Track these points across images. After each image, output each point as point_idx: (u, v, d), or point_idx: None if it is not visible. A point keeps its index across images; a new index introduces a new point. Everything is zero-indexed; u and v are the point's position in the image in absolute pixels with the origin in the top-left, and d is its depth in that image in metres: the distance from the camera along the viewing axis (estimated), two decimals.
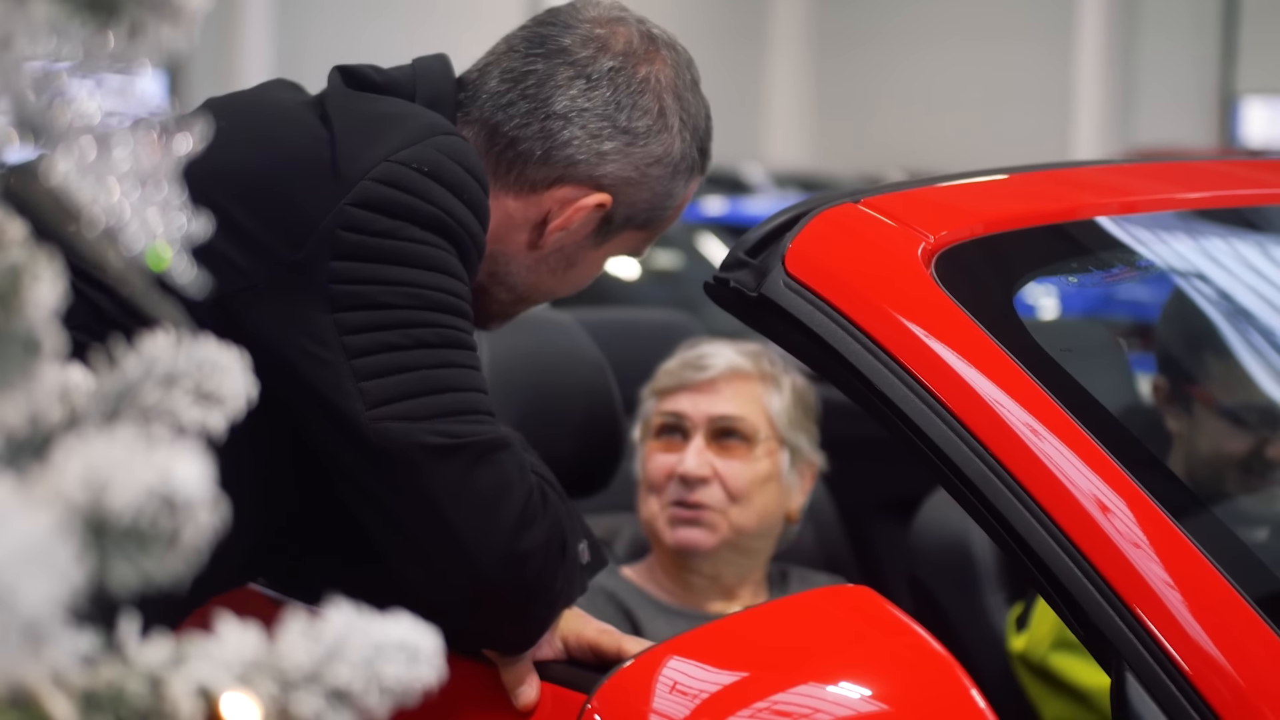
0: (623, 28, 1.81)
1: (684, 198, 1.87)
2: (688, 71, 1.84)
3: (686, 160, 1.83)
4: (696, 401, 2.31)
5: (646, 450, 2.34)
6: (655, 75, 1.80)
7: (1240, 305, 2.05)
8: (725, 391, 2.31)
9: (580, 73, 1.77)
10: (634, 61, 1.79)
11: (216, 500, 0.62)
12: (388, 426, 1.59)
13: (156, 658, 0.71)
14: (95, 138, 0.72)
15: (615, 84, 1.77)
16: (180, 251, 0.73)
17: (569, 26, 1.80)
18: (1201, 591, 1.40)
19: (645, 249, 1.92)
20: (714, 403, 2.30)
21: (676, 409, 2.32)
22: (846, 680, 1.33)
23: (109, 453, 0.61)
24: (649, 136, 1.79)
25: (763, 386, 2.34)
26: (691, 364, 2.33)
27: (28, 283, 0.66)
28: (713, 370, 2.31)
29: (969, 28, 21.24)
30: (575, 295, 1.97)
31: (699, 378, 2.31)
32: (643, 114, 1.78)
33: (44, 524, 0.51)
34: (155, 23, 0.76)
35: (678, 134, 1.81)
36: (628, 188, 1.80)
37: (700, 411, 2.31)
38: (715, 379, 2.31)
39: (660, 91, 1.80)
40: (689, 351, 2.37)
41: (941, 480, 1.53)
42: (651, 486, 2.32)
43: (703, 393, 2.31)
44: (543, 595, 1.66)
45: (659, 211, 1.85)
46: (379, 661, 0.72)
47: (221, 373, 0.78)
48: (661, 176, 1.81)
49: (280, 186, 1.63)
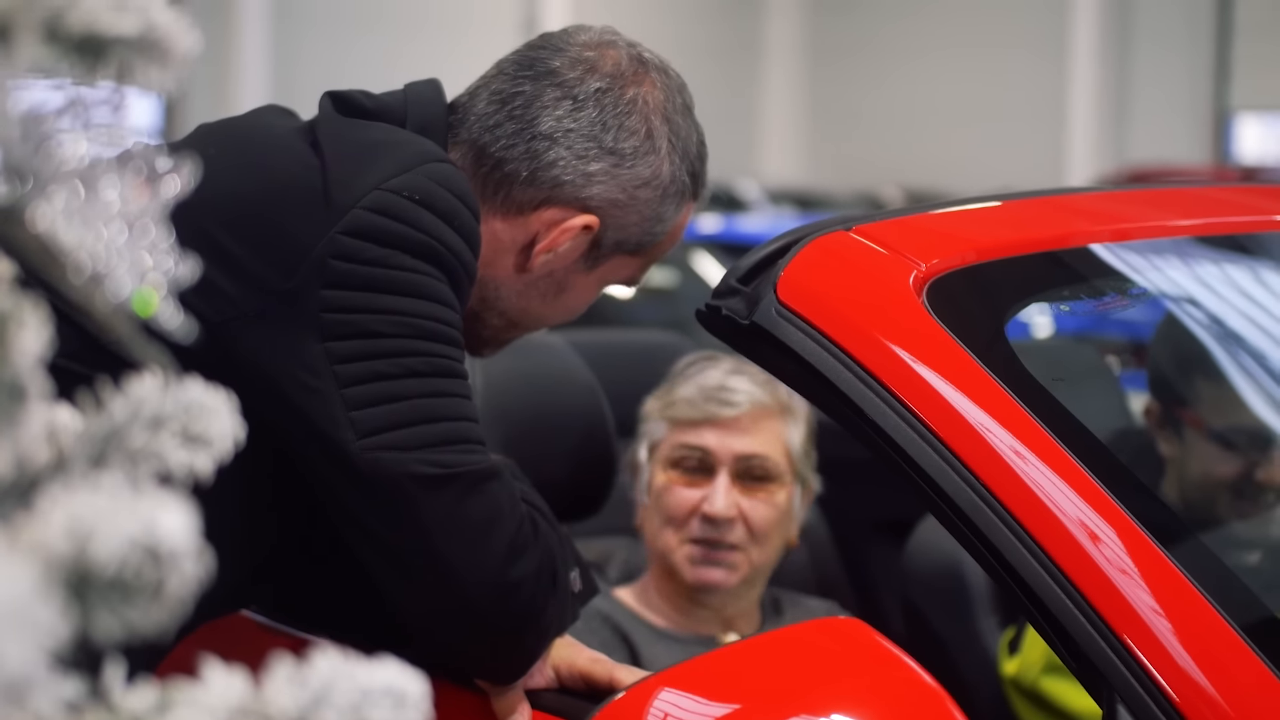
0: (613, 51, 1.81)
1: (676, 224, 1.86)
2: (679, 96, 1.83)
3: (676, 184, 1.81)
4: (722, 438, 2.26)
5: (664, 481, 2.28)
6: (643, 97, 1.79)
7: (1232, 330, 2.05)
8: (751, 429, 2.27)
9: (567, 94, 1.77)
10: (622, 83, 1.79)
11: (201, 550, 0.62)
12: (378, 456, 1.58)
13: (141, 704, 0.70)
14: (83, 181, 0.71)
15: (602, 105, 1.77)
16: (167, 296, 0.73)
17: (559, 50, 1.80)
18: (1190, 620, 1.40)
19: (640, 276, 1.90)
20: (741, 441, 2.26)
21: (701, 444, 2.27)
22: (837, 713, 1.32)
23: (93, 502, 0.61)
24: (636, 158, 1.78)
25: (783, 421, 2.30)
26: (716, 398, 2.27)
27: (14, 330, 0.66)
28: (740, 407, 2.26)
29: (963, 44, 21.29)
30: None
31: (725, 414, 2.26)
32: (630, 135, 1.78)
33: (27, 579, 0.50)
34: (144, 64, 0.76)
35: (666, 156, 1.80)
36: (615, 210, 1.79)
37: (726, 449, 2.26)
38: (741, 416, 2.26)
39: (648, 113, 1.79)
40: (707, 378, 2.30)
41: (932, 508, 1.53)
42: (671, 520, 2.27)
43: (729, 429, 2.26)
44: (533, 625, 1.66)
45: (649, 236, 1.83)
46: (366, 707, 0.72)
47: (209, 415, 0.78)
48: (650, 199, 1.80)
49: (271, 214, 1.62)
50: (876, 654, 1.34)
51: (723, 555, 2.24)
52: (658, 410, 2.32)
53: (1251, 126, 19.81)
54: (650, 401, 2.34)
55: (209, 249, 1.53)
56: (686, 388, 2.30)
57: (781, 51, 23.05)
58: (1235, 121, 19.80)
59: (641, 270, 1.89)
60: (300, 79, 15.75)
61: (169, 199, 0.77)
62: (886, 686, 1.33)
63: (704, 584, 2.25)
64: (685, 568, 2.25)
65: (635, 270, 1.88)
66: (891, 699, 1.33)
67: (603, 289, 1.90)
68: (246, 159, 1.68)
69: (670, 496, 2.27)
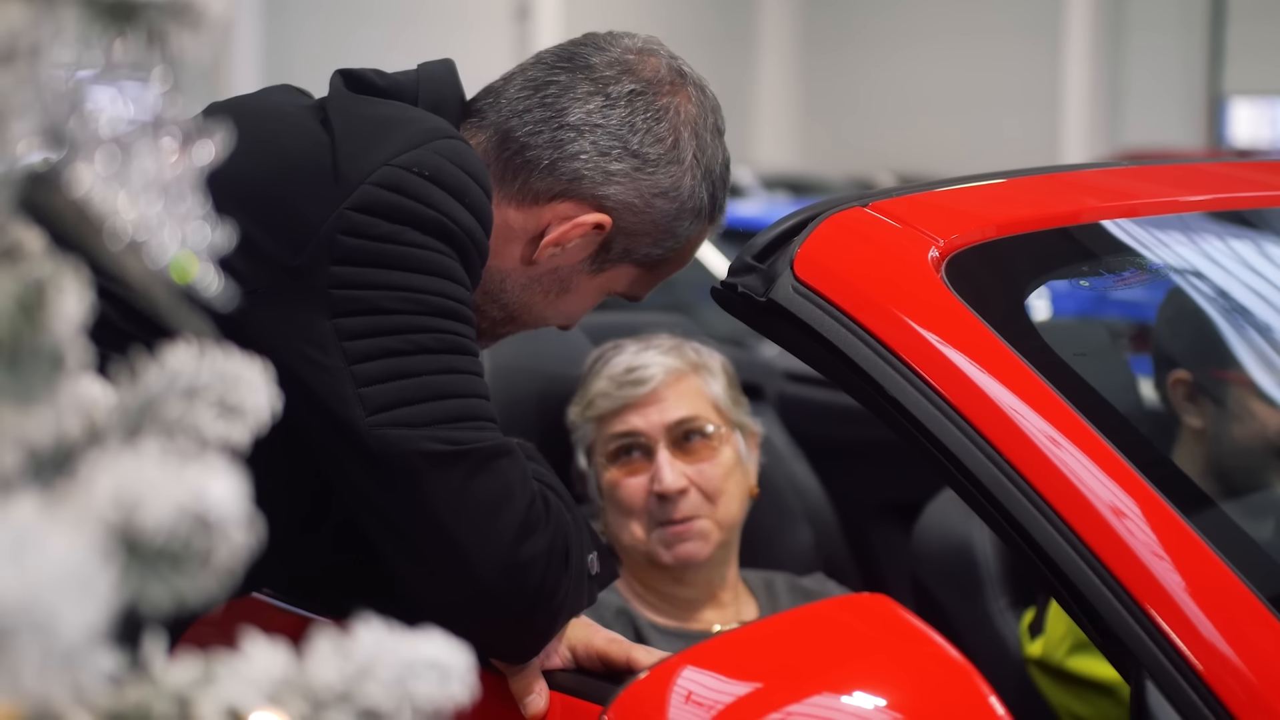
0: (654, 59, 1.80)
1: (689, 243, 1.84)
2: (712, 115, 1.83)
3: (694, 200, 1.80)
4: (646, 415, 2.25)
5: (609, 477, 2.27)
6: (676, 107, 1.78)
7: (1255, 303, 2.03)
8: (670, 396, 2.26)
9: (600, 90, 1.76)
10: (657, 90, 1.78)
11: (252, 518, 0.61)
12: (388, 433, 1.57)
13: (184, 678, 0.69)
14: (118, 148, 0.70)
15: (634, 106, 1.76)
16: (205, 262, 0.72)
17: (601, 49, 1.80)
18: (1216, 593, 1.39)
19: (644, 293, 1.89)
20: (664, 410, 2.25)
21: (629, 428, 2.25)
22: (863, 690, 1.31)
23: (140, 470, 0.60)
24: (658, 165, 1.77)
25: (699, 378, 2.30)
26: (628, 380, 2.26)
27: (53, 296, 0.64)
28: (652, 380, 2.25)
29: (957, 29, 21.26)
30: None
31: (641, 392, 2.25)
32: (656, 141, 1.77)
33: (81, 545, 0.49)
34: (176, 30, 0.75)
35: (689, 170, 1.79)
36: (630, 215, 1.78)
37: (654, 424, 2.25)
38: (657, 388, 2.25)
39: (678, 124, 1.78)
40: (611, 366, 2.29)
41: (955, 485, 1.52)
42: (628, 511, 2.25)
43: (650, 405, 2.25)
44: (546, 604, 1.65)
45: (659, 250, 1.82)
46: (410, 680, 0.71)
47: (245, 385, 0.76)
48: (666, 210, 1.79)
49: (280, 191, 1.61)
50: (902, 629, 1.33)
51: (689, 528, 2.23)
52: (579, 414, 2.31)
53: (1245, 111, 19.80)
54: (571, 410, 2.33)
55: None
56: (598, 382, 2.29)
57: (775, 38, 23.02)
58: (1229, 106, 19.80)
59: (646, 286, 1.88)
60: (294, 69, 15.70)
61: (204, 165, 0.76)
62: (913, 662, 1.32)
63: (683, 560, 2.23)
64: (661, 552, 2.24)
65: (640, 284, 1.87)
66: (918, 675, 1.32)
67: (604, 296, 1.88)
68: (256, 137, 1.67)
69: (621, 491, 2.25)
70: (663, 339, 2.35)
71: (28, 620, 0.46)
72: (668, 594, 2.28)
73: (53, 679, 0.48)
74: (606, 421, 2.27)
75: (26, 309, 0.63)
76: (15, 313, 0.63)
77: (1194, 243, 1.99)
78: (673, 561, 2.24)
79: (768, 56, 23.03)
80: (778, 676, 1.34)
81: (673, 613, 2.29)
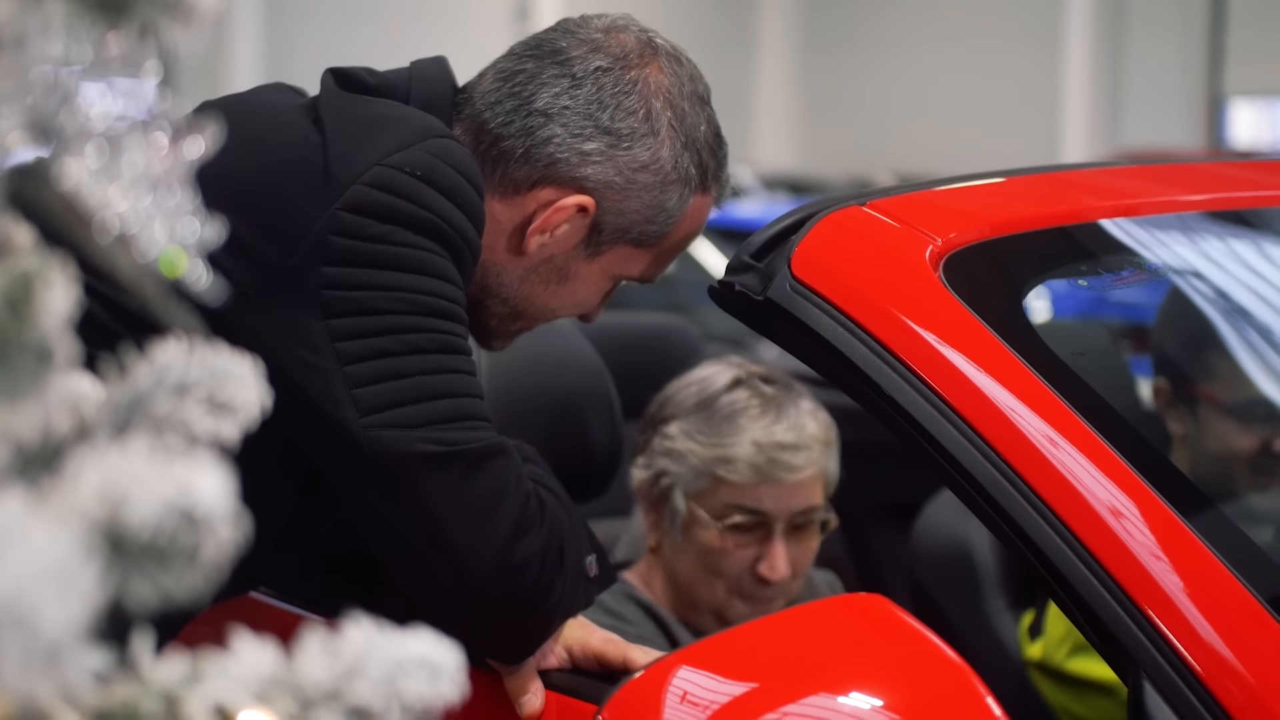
0: (622, 34, 1.78)
1: (685, 215, 1.80)
2: (690, 84, 1.79)
3: (678, 170, 1.77)
4: (780, 499, 2.15)
5: (716, 540, 2.15)
6: (646, 79, 1.76)
7: (1244, 306, 2.03)
8: (809, 484, 2.17)
9: (566, 72, 1.75)
10: (625, 65, 1.76)
11: (239, 514, 0.60)
12: (380, 434, 1.57)
13: (172, 675, 0.69)
14: (107, 141, 0.70)
15: (600, 84, 1.74)
16: (194, 257, 0.71)
17: (570, 33, 1.79)
18: (1217, 597, 1.38)
19: (654, 272, 1.86)
20: (797, 498, 2.16)
21: (761, 508, 2.15)
22: (859, 690, 1.31)
23: (126, 465, 0.59)
24: (634, 139, 1.75)
25: (828, 457, 2.21)
26: (779, 461, 2.13)
27: (40, 290, 0.64)
28: (802, 471, 2.14)
29: (956, 30, 21.26)
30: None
31: (789, 480, 2.14)
32: (627, 115, 1.75)
33: (64, 541, 0.49)
34: (167, 23, 0.74)
35: (666, 140, 1.76)
36: (612, 193, 1.76)
37: (784, 508, 2.16)
38: (804, 481, 2.15)
39: (648, 95, 1.76)
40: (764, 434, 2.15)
41: (952, 486, 1.51)
42: (721, 575, 2.17)
43: (790, 491, 2.15)
44: (540, 604, 1.64)
45: (653, 226, 1.79)
46: (400, 679, 0.70)
47: (235, 381, 0.76)
48: (649, 185, 1.77)
49: (271, 191, 1.60)
50: (899, 630, 1.32)
51: (771, 604, 2.17)
52: (702, 458, 2.16)
53: (1245, 112, 19.80)
54: (684, 436, 2.19)
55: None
56: (739, 442, 2.15)
57: (775, 39, 23.02)
58: (1229, 107, 19.80)
59: (654, 265, 1.85)
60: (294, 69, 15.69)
61: (193, 160, 0.75)
62: (909, 662, 1.31)
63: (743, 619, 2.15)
64: (732, 616, 2.18)
65: (646, 264, 1.84)
66: (915, 675, 1.31)
67: (613, 282, 1.86)
68: (248, 135, 1.66)
69: (725, 559, 2.16)
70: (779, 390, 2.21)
71: (9, 616, 0.45)
72: (693, 622, 2.25)
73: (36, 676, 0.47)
74: (738, 489, 2.16)
75: (14, 304, 0.63)
76: (2, 307, 0.63)
77: (1193, 243, 1.99)
78: (734, 619, 2.18)
79: (768, 58, 23.03)
80: (773, 676, 1.33)
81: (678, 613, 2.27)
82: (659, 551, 2.26)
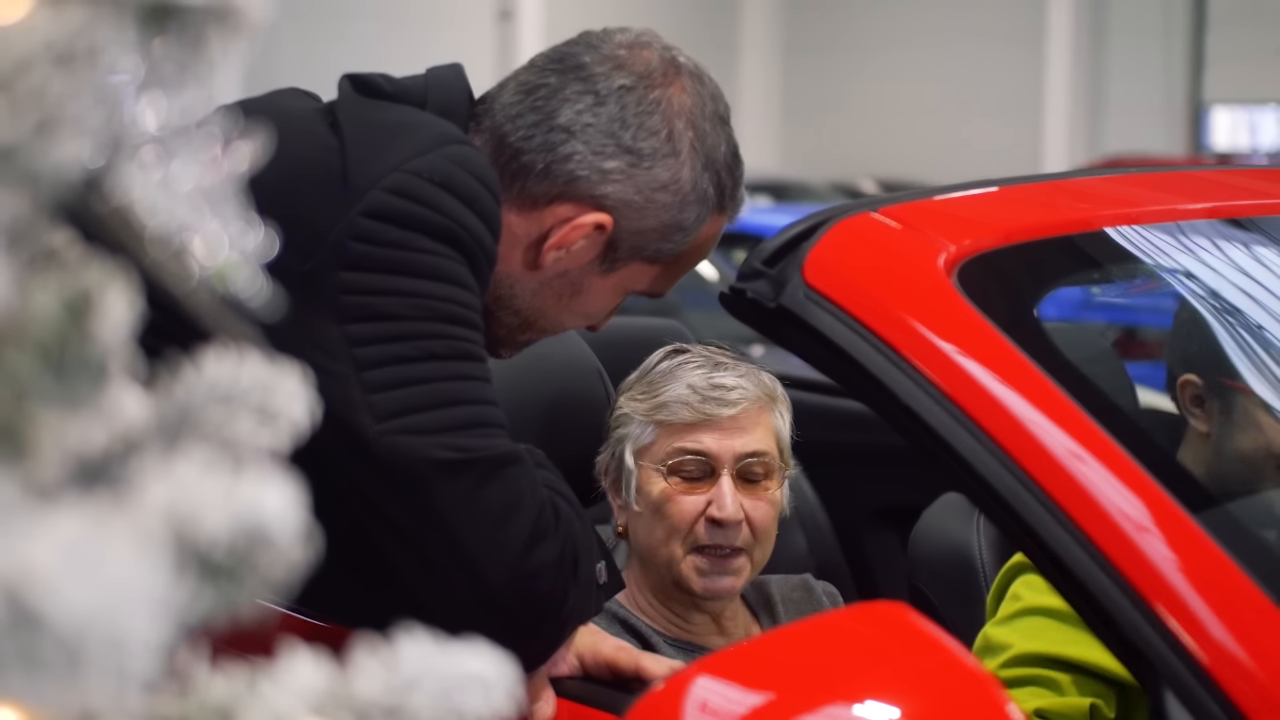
0: (645, 51, 1.78)
1: (701, 235, 1.81)
2: (711, 103, 1.80)
3: (697, 191, 1.78)
4: (721, 439, 2.15)
5: (663, 488, 2.16)
6: (669, 99, 1.76)
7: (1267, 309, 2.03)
8: (748, 426, 2.17)
9: (590, 89, 1.75)
10: (648, 83, 1.76)
11: (310, 531, 0.59)
12: (396, 440, 1.56)
13: (226, 689, 0.68)
14: (161, 150, 0.69)
15: (623, 102, 1.74)
16: (248, 268, 0.71)
17: (593, 46, 1.78)
18: (1239, 606, 1.38)
19: (665, 288, 1.86)
20: (740, 440, 2.16)
21: (702, 447, 2.15)
22: (880, 700, 1.30)
23: (193, 481, 0.59)
24: (655, 159, 1.75)
25: (772, 412, 2.21)
26: (712, 397, 2.15)
27: (101, 301, 0.63)
28: (739, 405, 2.15)
29: (939, 36, 21.30)
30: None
31: (725, 414, 2.15)
32: (649, 135, 1.75)
33: (152, 560, 0.48)
34: (218, 33, 0.73)
35: (687, 161, 1.76)
36: (631, 212, 1.76)
37: (727, 450, 2.15)
38: (739, 415, 2.16)
39: (671, 115, 1.76)
40: (692, 374, 2.19)
41: (968, 493, 1.51)
42: (674, 529, 2.16)
43: (728, 430, 2.15)
44: (554, 613, 1.64)
45: (669, 244, 1.80)
46: (455, 694, 0.70)
47: (285, 393, 0.75)
48: (669, 204, 1.77)
49: (289, 195, 1.60)
50: (919, 638, 1.32)
51: (729, 563, 2.15)
52: (643, 411, 2.20)
53: (1224, 118, 19.90)
54: (627, 400, 2.23)
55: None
56: (677, 387, 2.18)
57: (757, 42, 23.03)
58: (1210, 114, 19.90)
59: (666, 281, 1.85)
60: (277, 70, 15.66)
61: (242, 169, 0.75)
62: (930, 671, 1.31)
63: (712, 593, 2.16)
64: (693, 579, 2.16)
65: (658, 280, 1.84)
66: (936, 684, 1.31)
67: (624, 296, 1.86)
68: None
69: (673, 506, 2.15)
70: (726, 356, 2.25)
71: (102, 636, 0.44)
72: (677, 614, 2.23)
73: (125, 696, 0.47)
74: (677, 432, 2.17)
75: (75, 314, 0.62)
76: (63, 318, 0.62)
77: (1207, 250, 1.99)
78: (701, 591, 2.17)
79: (749, 61, 23.04)
80: (793, 686, 1.33)
81: (674, 629, 2.25)
82: (626, 535, 2.25)
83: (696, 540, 2.16)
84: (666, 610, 2.24)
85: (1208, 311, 2.11)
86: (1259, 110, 19.75)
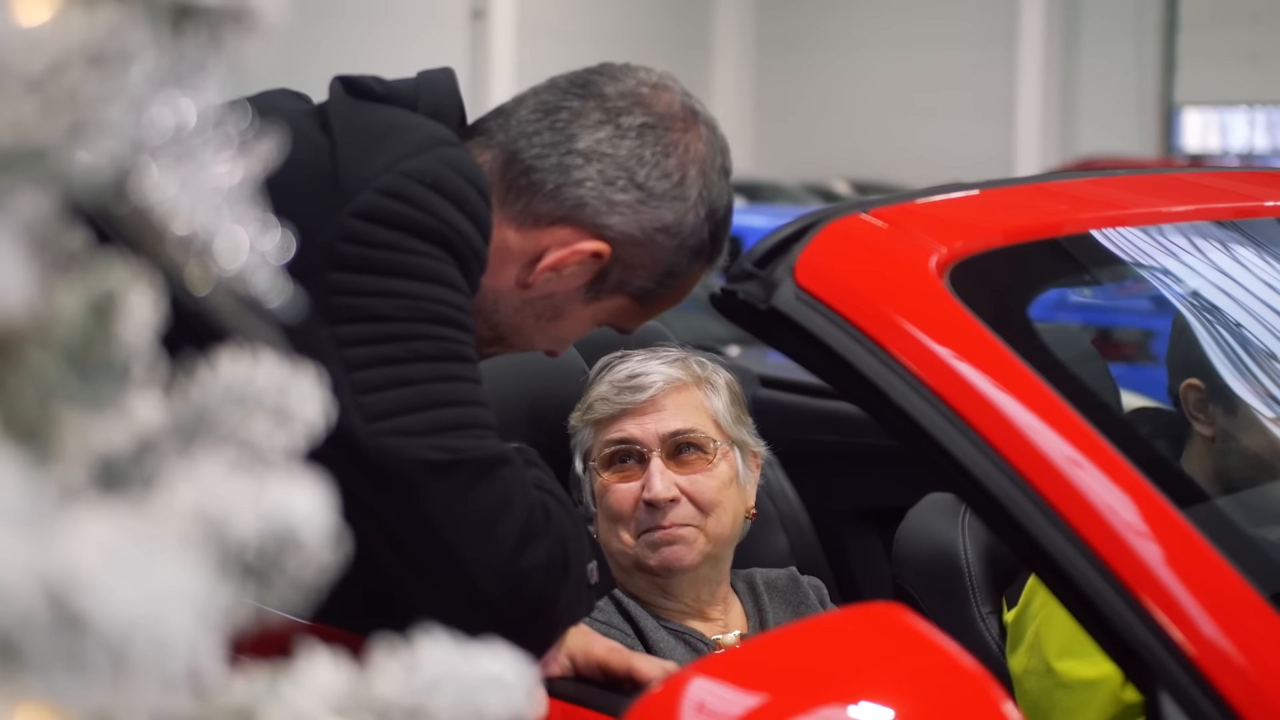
0: (667, 94, 1.81)
1: (685, 281, 1.85)
2: (720, 156, 1.83)
3: (695, 238, 1.81)
4: (643, 423, 2.23)
5: (601, 482, 2.25)
6: (687, 144, 1.79)
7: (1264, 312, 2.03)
8: (669, 406, 2.24)
9: (611, 119, 1.76)
10: (669, 125, 1.78)
11: (338, 535, 0.59)
12: (386, 441, 1.56)
13: (249, 689, 0.68)
14: (182, 151, 0.69)
15: (644, 139, 1.77)
16: (267, 268, 0.71)
17: (615, 79, 1.80)
18: (1237, 611, 1.39)
19: (635, 327, 1.90)
20: (662, 420, 2.23)
21: (625, 435, 2.23)
22: (878, 701, 1.31)
23: (222, 483, 0.59)
24: (663, 200, 1.77)
25: (701, 392, 2.27)
26: (627, 386, 2.24)
27: (125, 302, 0.63)
28: (652, 388, 2.23)
29: (911, 37, 21.37)
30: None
31: (640, 398, 2.23)
32: (663, 176, 1.77)
33: (196, 562, 0.48)
34: (234, 33, 0.73)
35: (693, 208, 1.79)
36: (630, 246, 1.78)
37: (650, 432, 2.23)
38: (656, 396, 2.23)
39: (687, 161, 1.79)
40: (614, 373, 2.28)
41: (961, 494, 1.52)
42: (617, 519, 2.23)
43: (648, 413, 2.23)
44: (545, 613, 1.64)
45: (656, 285, 1.83)
46: (476, 695, 0.70)
47: (300, 395, 0.75)
48: (666, 246, 1.79)
49: (279, 197, 1.59)
50: (915, 639, 1.32)
51: (675, 532, 2.20)
52: (579, 419, 2.29)
53: (1195, 120, 20.03)
54: (572, 416, 2.31)
55: None
56: (599, 387, 2.27)
57: (730, 43, 23.06)
58: (1181, 116, 20.02)
59: (638, 319, 1.89)
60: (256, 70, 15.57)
61: (258, 170, 0.75)
62: (926, 671, 1.31)
63: (668, 565, 2.20)
64: (648, 556, 2.21)
65: (632, 317, 1.87)
66: (931, 684, 1.31)
67: (596, 327, 1.88)
68: None
69: (611, 496, 2.23)
70: (670, 350, 2.34)
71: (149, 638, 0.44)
72: (655, 603, 2.27)
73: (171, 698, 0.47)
74: (603, 427, 2.26)
75: (99, 315, 0.62)
76: (88, 319, 0.62)
77: (1204, 252, 2.00)
78: (658, 564, 2.21)
79: (722, 61, 23.07)
80: (790, 688, 1.33)
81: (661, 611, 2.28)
82: (600, 541, 2.29)
83: (640, 525, 2.22)
84: (648, 593, 2.27)
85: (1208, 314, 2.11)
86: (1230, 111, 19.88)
